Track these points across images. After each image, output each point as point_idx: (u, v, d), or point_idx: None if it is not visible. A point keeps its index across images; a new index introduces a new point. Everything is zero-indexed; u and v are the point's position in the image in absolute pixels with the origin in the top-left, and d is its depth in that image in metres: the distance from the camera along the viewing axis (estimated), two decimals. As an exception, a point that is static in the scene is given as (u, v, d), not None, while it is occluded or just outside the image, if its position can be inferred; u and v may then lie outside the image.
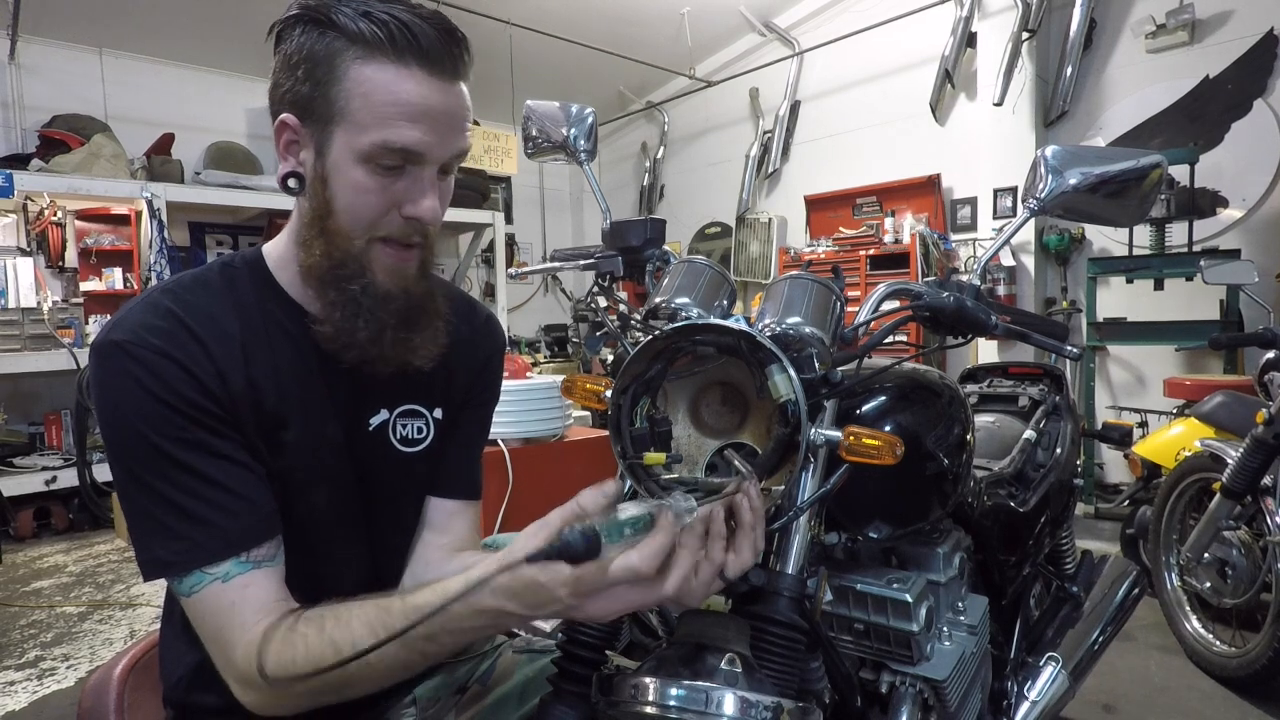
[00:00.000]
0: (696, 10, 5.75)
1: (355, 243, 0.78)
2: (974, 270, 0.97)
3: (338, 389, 0.85)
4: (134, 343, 0.73)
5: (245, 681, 0.71)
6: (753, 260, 6.26)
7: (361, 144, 0.73)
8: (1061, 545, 1.71)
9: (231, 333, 0.78)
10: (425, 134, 0.74)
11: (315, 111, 0.74)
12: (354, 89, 0.72)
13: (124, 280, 5.22)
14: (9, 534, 4.19)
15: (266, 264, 0.85)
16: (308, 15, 0.73)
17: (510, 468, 2.33)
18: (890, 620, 0.92)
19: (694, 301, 0.90)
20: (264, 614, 0.73)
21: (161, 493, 0.72)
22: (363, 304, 0.78)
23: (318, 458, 0.83)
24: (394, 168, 0.75)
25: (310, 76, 0.73)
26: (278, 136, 0.78)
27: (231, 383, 0.76)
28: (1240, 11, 4.10)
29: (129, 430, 0.72)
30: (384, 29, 0.71)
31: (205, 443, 0.74)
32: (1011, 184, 4.79)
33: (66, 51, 5.11)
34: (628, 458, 0.79)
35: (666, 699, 0.67)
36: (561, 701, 0.73)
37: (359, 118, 0.72)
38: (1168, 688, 2.29)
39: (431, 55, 0.72)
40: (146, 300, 0.78)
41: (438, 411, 0.94)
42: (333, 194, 0.76)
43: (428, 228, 0.79)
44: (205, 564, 0.72)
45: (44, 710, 2.37)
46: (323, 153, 0.75)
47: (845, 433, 0.76)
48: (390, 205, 0.77)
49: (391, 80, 0.72)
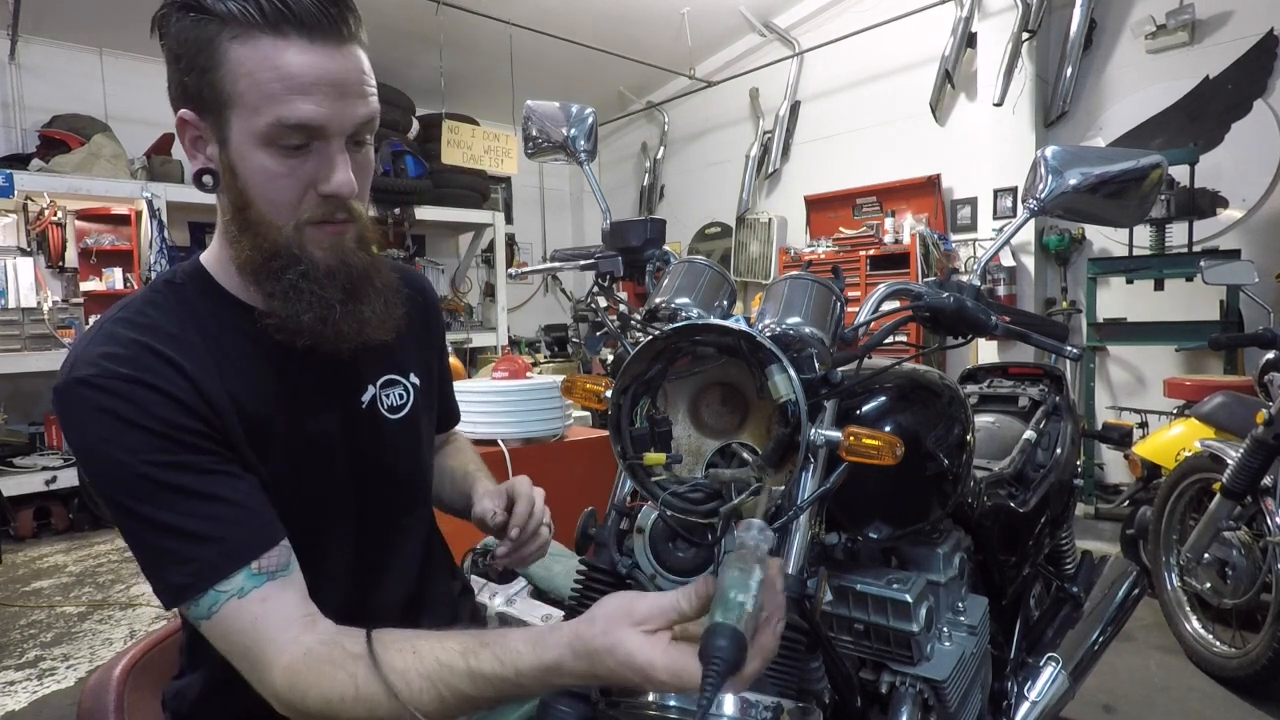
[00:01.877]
0: (696, 10, 5.75)
1: (283, 231, 0.76)
2: (974, 270, 0.97)
3: (323, 377, 0.84)
4: (100, 375, 0.70)
5: (285, 704, 0.69)
6: (753, 260, 6.26)
7: (258, 126, 0.70)
8: (1061, 545, 1.71)
9: (196, 346, 0.76)
10: (319, 105, 0.70)
11: (206, 101, 0.72)
12: (237, 70, 0.69)
13: (124, 280, 5.21)
14: (9, 534, 4.19)
15: (208, 271, 0.83)
16: (179, 2, 0.71)
17: (510, 468, 2.33)
18: (890, 620, 0.92)
19: (694, 302, 0.90)
20: (292, 629, 0.71)
21: (158, 520, 0.70)
22: (303, 289, 0.76)
23: (307, 450, 0.83)
24: (298, 147, 0.72)
25: (194, 66, 0.71)
26: (180, 135, 0.76)
27: (211, 396, 0.74)
28: (1240, 12, 4.10)
29: (112, 464, 0.70)
30: (253, 3, 0.68)
31: (192, 463, 0.72)
32: (1011, 184, 4.79)
33: (66, 51, 5.11)
34: (628, 458, 0.79)
35: (666, 699, 0.67)
36: (561, 701, 0.73)
37: (248, 100, 0.70)
38: (1168, 688, 2.29)
39: (308, 21, 0.69)
40: (100, 333, 0.74)
41: (414, 377, 0.96)
42: (245, 184, 0.74)
43: (350, 203, 0.77)
44: (217, 581, 0.70)
45: (44, 710, 2.37)
46: (225, 143, 0.73)
47: (845, 433, 0.76)
48: (305, 186, 0.74)
49: (271, 55, 0.69)
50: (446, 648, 0.66)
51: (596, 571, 0.90)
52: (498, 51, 5.64)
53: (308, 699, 0.67)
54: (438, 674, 0.65)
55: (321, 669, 0.68)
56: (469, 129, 5.42)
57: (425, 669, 0.65)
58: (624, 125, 7.56)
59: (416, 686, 0.65)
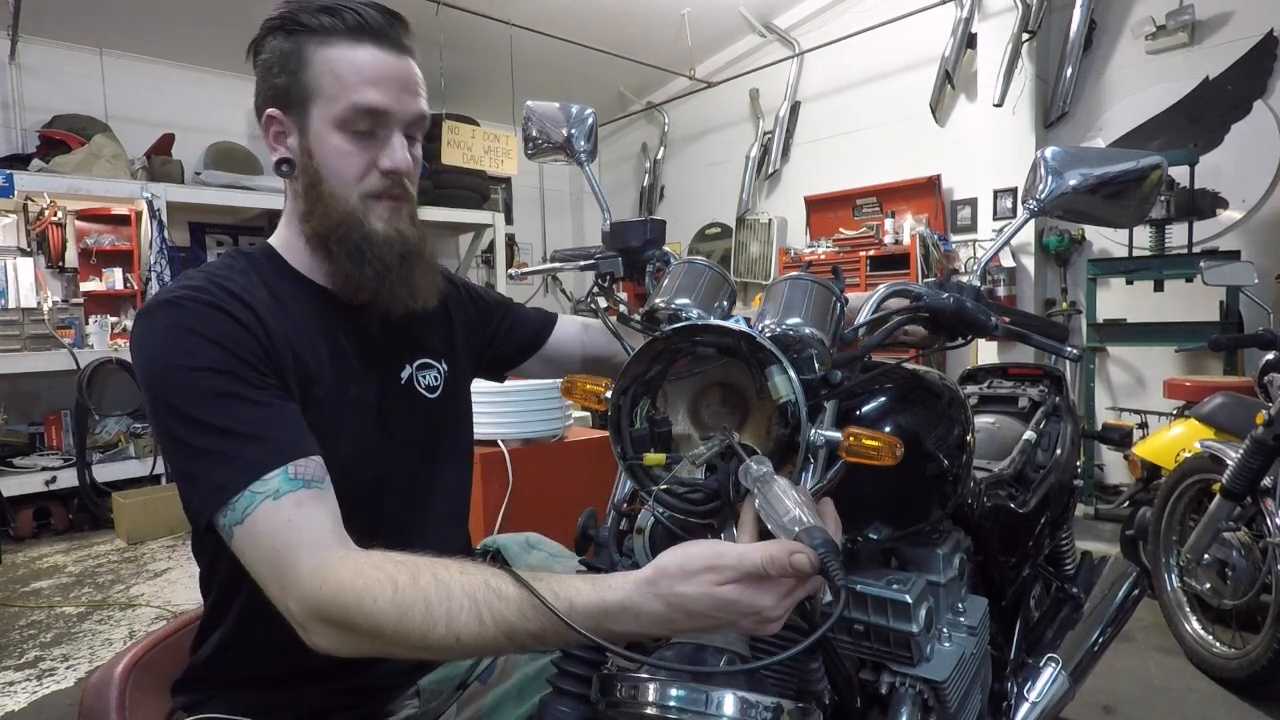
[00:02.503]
0: (696, 11, 5.75)
1: (349, 201, 0.89)
2: (974, 271, 0.97)
3: (365, 352, 0.94)
4: (184, 299, 0.80)
5: (311, 605, 0.68)
6: (753, 261, 6.26)
7: (335, 111, 0.85)
8: (1061, 546, 1.71)
9: (265, 299, 0.86)
10: (385, 95, 0.86)
11: (293, 97, 0.87)
12: (322, 68, 0.85)
13: (124, 280, 5.22)
14: (9, 534, 4.19)
15: (276, 250, 0.95)
16: (276, 24, 0.87)
17: (510, 468, 2.33)
18: (890, 621, 0.92)
19: (694, 302, 0.90)
20: (326, 538, 0.72)
21: (209, 423, 0.75)
22: (365, 250, 0.89)
23: (348, 410, 0.90)
24: (365, 132, 0.87)
25: (285, 70, 0.87)
26: (267, 131, 0.91)
27: (274, 337, 0.83)
28: (1240, 12, 4.11)
29: (177, 370, 0.76)
30: (338, 17, 0.85)
31: (250, 378, 0.78)
32: (1011, 185, 4.79)
33: (66, 51, 5.12)
34: (628, 458, 0.79)
35: (666, 699, 0.67)
36: (561, 701, 0.73)
37: (330, 91, 0.85)
38: (1168, 689, 2.29)
39: (379, 32, 0.87)
40: (184, 277, 0.86)
41: (444, 364, 1.05)
42: (319, 163, 0.88)
43: (405, 180, 0.91)
44: (255, 478, 0.72)
45: (44, 710, 2.37)
46: (305, 131, 0.88)
47: (845, 433, 0.76)
48: (369, 164, 0.88)
49: (349, 55, 0.85)
50: (497, 573, 0.66)
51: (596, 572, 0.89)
52: (498, 52, 5.64)
53: (337, 597, 0.66)
54: (484, 596, 0.64)
55: (359, 567, 0.68)
56: (469, 129, 5.42)
57: (470, 587, 0.65)
58: (624, 125, 7.56)
59: (458, 603, 0.64)
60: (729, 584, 0.60)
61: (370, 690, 0.92)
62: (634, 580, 0.63)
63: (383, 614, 0.64)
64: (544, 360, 1.24)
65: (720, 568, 0.61)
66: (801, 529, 0.60)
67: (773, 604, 0.61)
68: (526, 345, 1.22)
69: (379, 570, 0.67)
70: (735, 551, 0.61)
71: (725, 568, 0.61)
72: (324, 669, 0.86)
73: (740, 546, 0.62)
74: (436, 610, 0.64)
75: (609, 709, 0.71)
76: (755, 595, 0.61)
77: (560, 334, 1.24)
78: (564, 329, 1.25)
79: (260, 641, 0.85)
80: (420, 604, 0.64)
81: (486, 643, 0.64)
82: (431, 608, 0.64)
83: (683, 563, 0.62)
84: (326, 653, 0.69)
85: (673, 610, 0.61)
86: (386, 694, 0.95)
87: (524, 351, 1.23)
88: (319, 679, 0.88)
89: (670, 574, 0.62)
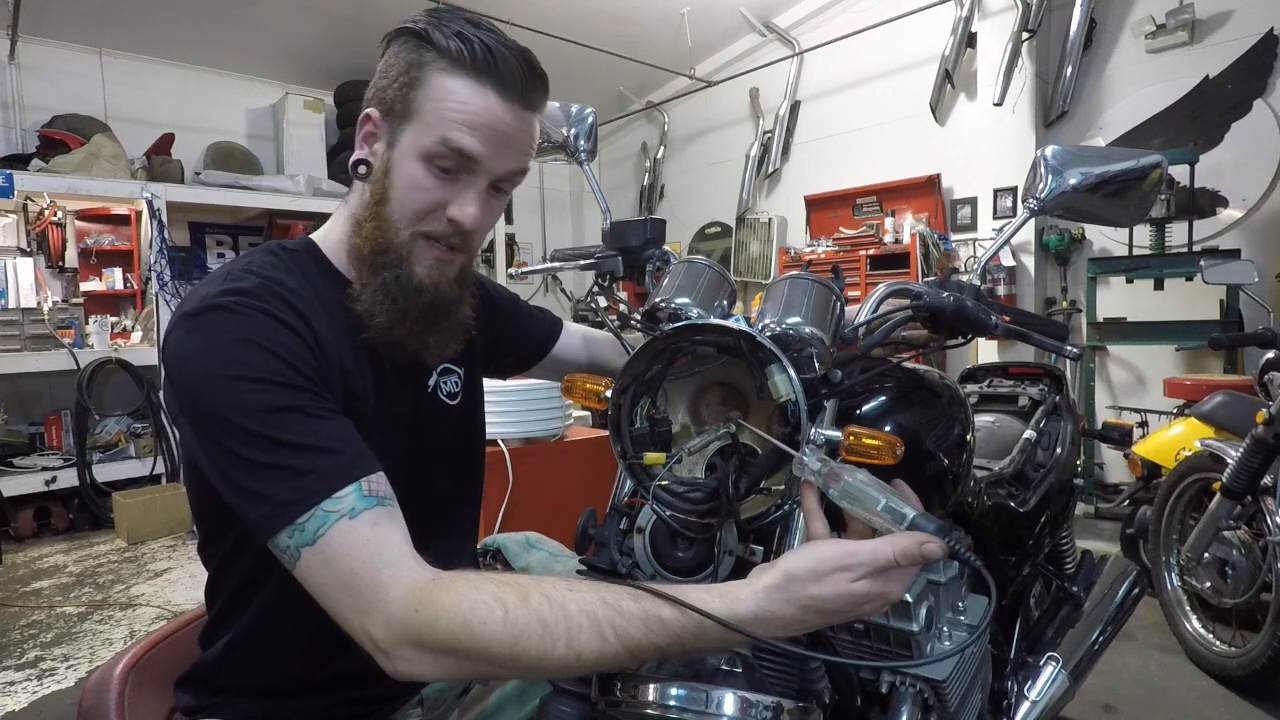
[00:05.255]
0: (696, 10, 5.75)
1: (401, 233, 0.83)
2: (974, 270, 0.97)
3: (402, 362, 0.89)
4: (235, 303, 0.75)
5: (405, 631, 0.65)
6: (753, 260, 6.26)
7: (424, 142, 0.80)
8: (1061, 545, 1.71)
9: (314, 305, 0.82)
10: (481, 142, 0.80)
11: (395, 109, 0.82)
12: (431, 94, 0.80)
13: (124, 280, 5.22)
14: (9, 534, 4.19)
15: (320, 248, 0.90)
16: (410, 30, 0.82)
17: (510, 468, 2.33)
18: (890, 620, 0.92)
19: (694, 301, 0.90)
20: (408, 559, 0.68)
21: (272, 436, 0.70)
22: (393, 289, 0.83)
23: (381, 429, 0.85)
24: (449, 170, 0.81)
25: (399, 79, 0.81)
26: (360, 127, 0.85)
27: (326, 350, 0.79)
28: (1240, 11, 4.11)
29: (233, 381, 0.71)
30: (470, 48, 0.79)
31: (309, 390, 0.74)
32: (1011, 184, 4.79)
33: (66, 51, 5.11)
34: (628, 458, 0.79)
35: (666, 699, 0.67)
36: (562, 700, 0.72)
37: (428, 119, 0.80)
38: (1168, 688, 2.29)
39: (506, 80, 0.80)
40: (228, 274, 0.80)
41: (462, 368, 1.02)
42: (391, 183, 0.82)
43: (468, 234, 0.85)
44: (327, 495, 0.68)
45: (44, 710, 2.37)
46: (393, 145, 0.82)
47: (845, 433, 0.76)
48: (437, 205, 0.83)
49: (463, 91, 0.79)
50: (611, 588, 0.65)
51: (596, 572, 0.89)
52: (498, 51, 5.64)
53: (438, 622, 0.63)
54: (602, 612, 0.63)
55: (460, 589, 0.65)
56: (469, 129, 5.41)
57: (587, 604, 0.63)
58: (624, 125, 7.56)
59: (576, 622, 0.62)
60: (862, 579, 0.63)
61: (375, 700, 0.91)
62: (763, 589, 0.63)
63: (494, 637, 0.63)
64: (544, 370, 1.25)
65: (854, 565, 0.63)
66: (914, 517, 0.64)
67: (900, 589, 0.65)
68: (530, 354, 1.22)
69: (482, 592, 0.64)
70: (866, 548, 0.63)
71: (858, 565, 0.63)
72: (330, 680, 0.86)
73: (869, 543, 0.64)
74: (555, 630, 0.62)
75: (609, 708, 0.71)
76: (885, 585, 0.64)
77: (564, 345, 1.24)
78: (568, 341, 1.24)
79: (267, 651, 0.85)
80: (535, 625, 0.62)
81: (608, 659, 0.63)
82: (548, 628, 0.62)
83: (813, 566, 0.63)
84: (407, 679, 0.67)
85: (805, 612, 0.63)
86: (390, 704, 0.93)
87: (527, 358, 1.22)
88: (325, 690, 0.87)
89: (801, 578, 0.63)
